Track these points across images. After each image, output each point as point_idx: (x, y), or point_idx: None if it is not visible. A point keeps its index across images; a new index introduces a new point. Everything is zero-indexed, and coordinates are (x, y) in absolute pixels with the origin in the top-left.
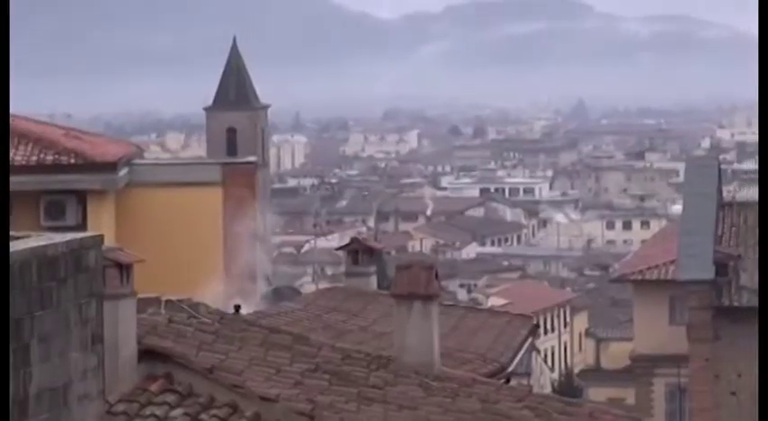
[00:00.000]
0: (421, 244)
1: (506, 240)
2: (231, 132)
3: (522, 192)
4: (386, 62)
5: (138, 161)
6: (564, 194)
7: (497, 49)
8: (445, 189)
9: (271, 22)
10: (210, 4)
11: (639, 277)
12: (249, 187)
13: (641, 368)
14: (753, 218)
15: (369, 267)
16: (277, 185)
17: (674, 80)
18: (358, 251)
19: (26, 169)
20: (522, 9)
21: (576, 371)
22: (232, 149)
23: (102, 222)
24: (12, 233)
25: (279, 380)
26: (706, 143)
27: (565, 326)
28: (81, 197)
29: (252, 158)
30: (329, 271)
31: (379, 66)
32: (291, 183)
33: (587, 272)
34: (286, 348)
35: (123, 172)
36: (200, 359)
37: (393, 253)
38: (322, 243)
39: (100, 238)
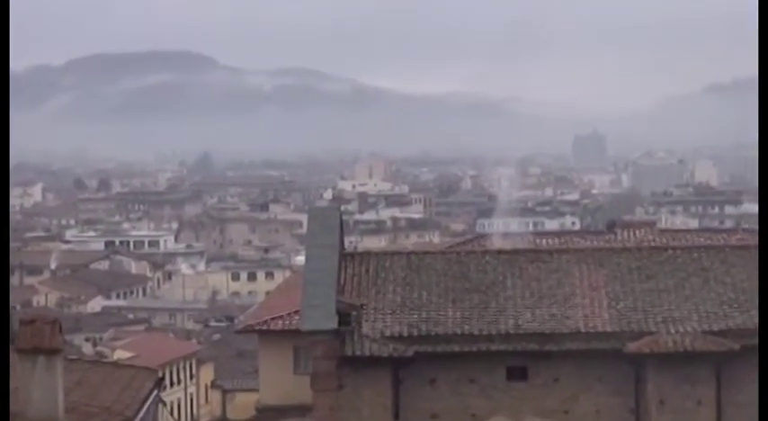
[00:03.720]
0: (46, 298)
1: (132, 293)
2: None
3: (147, 244)
4: (10, 115)
5: None
6: (189, 246)
7: (121, 101)
8: (70, 242)
9: None
10: None
11: (264, 327)
12: None
13: (267, 418)
14: (374, 267)
15: None
16: None
17: (298, 132)
18: None
19: None
20: (145, 62)
21: None
22: None
23: None
24: None
25: None
26: (328, 194)
27: (191, 378)
28: None
29: None
30: None
31: None
32: None
33: (213, 323)
34: None
35: None
36: None
37: (18, 307)
38: None
39: None
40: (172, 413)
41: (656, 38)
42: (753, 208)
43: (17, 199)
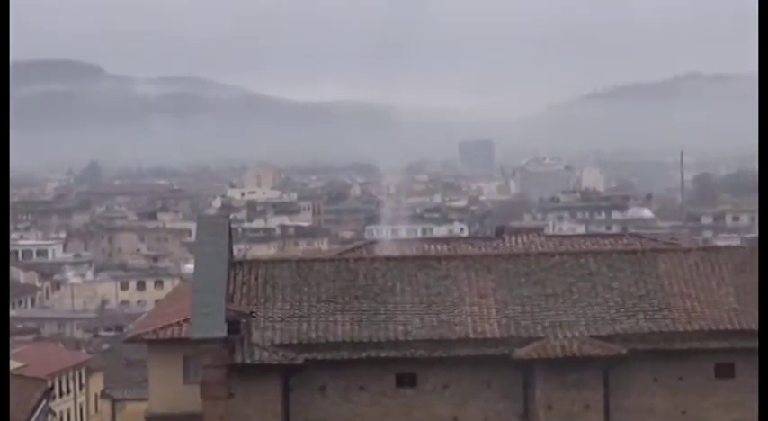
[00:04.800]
0: None
1: (20, 303)
2: None
3: (35, 254)
4: None
5: None
6: (77, 255)
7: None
8: None
9: None
10: None
11: (154, 336)
12: None
13: None
14: (263, 275)
15: None
16: None
17: (186, 141)
18: None
19: None
20: (32, 71)
21: None
22: None
23: None
24: None
25: None
26: (217, 202)
27: (80, 388)
28: None
29: None
30: None
31: None
32: None
33: (102, 333)
34: None
35: None
36: None
37: None
38: None
39: None
40: None
41: (539, 45)
42: (638, 213)
43: None
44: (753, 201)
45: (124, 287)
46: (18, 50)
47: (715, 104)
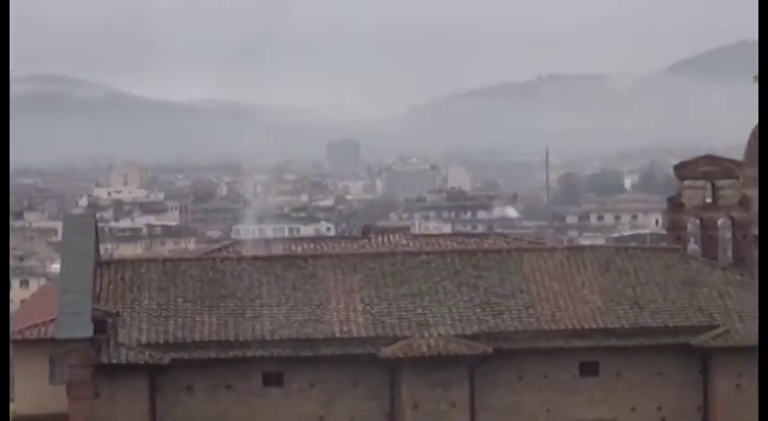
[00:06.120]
0: None
1: None
2: None
3: None
4: None
5: None
6: None
7: None
8: None
9: None
10: None
11: (19, 337)
12: None
13: None
14: (129, 275)
15: None
16: None
17: (52, 140)
18: None
19: None
20: None
21: None
22: None
23: None
24: None
25: None
26: (83, 202)
27: None
28: None
29: None
30: None
31: None
32: None
33: None
34: None
35: None
36: None
37: None
38: None
39: None
40: None
41: (405, 45)
42: (504, 212)
43: None
44: (616, 201)
45: None
46: None
47: (578, 105)
